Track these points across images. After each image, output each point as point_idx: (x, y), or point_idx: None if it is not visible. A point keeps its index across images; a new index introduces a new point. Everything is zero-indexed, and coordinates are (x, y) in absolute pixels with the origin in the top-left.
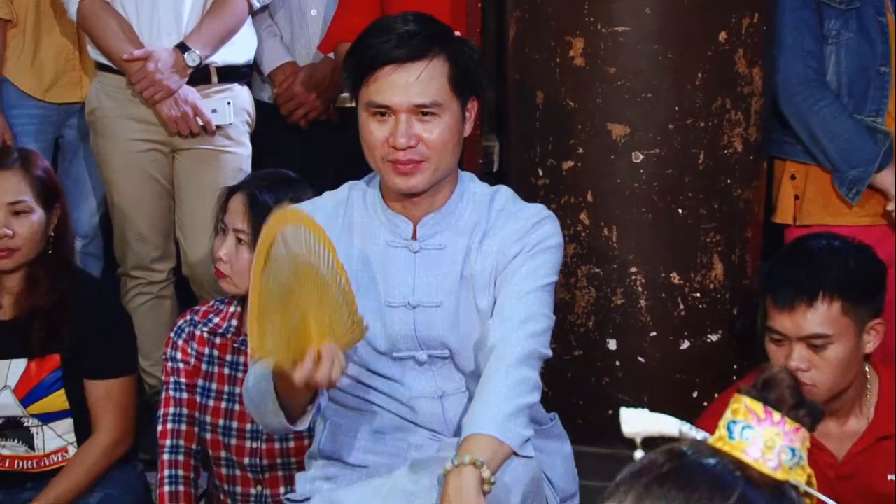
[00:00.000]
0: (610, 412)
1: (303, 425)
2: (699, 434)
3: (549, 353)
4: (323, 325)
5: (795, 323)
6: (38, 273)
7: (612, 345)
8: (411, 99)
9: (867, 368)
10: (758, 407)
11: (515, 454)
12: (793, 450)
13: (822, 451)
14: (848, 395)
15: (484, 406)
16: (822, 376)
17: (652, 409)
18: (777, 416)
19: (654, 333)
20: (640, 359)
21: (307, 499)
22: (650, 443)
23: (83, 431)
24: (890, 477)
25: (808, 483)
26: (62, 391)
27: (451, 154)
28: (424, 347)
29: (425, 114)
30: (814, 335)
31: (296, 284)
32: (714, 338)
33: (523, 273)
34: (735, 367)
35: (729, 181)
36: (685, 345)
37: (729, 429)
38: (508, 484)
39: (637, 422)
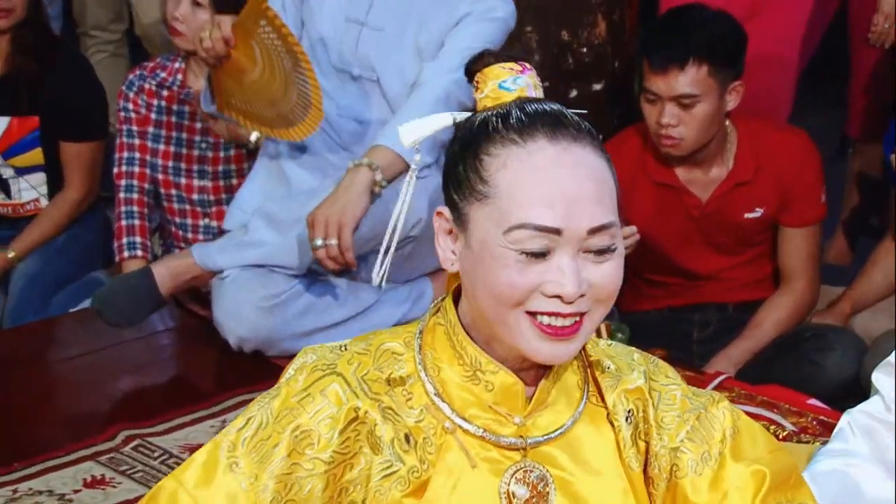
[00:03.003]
0: None
1: None
2: (465, 115)
3: (469, 103)
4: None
5: (668, 84)
6: (25, 38)
7: None
8: None
9: (728, 124)
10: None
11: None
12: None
13: (689, 195)
14: (711, 148)
15: (395, 123)
16: (689, 131)
17: None
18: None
19: (546, 84)
20: None
21: (239, 227)
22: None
23: (54, 186)
24: (746, 215)
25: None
26: (39, 149)
27: None
28: (358, 66)
29: None
30: (683, 95)
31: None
32: (597, 87)
33: (466, 33)
34: (615, 111)
35: None
36: (573, 94)
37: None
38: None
39: (412, 132)
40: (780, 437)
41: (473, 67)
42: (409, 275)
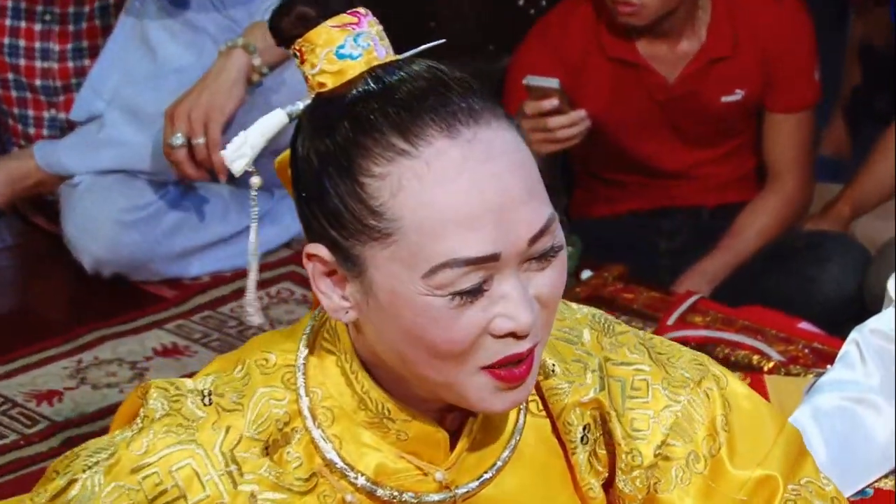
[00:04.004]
0: None
1: None
2: (303, 103)
3: None
4: None
5: None
6: None
7: None
8: None
9: None
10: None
11: None
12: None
13: (652, 73)
14: (679, 15)
15: None
16: None
17: None
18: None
19: None
20: None
21: (93, 117)
22: None
23: None
24: (723, 98)
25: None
26: None
27: None
28: None
29: None
30: None
31: None
32: None
33: None
34: None
35: None
36: None
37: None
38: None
39: (238, 154)
40: (766, 369)
41: (287, 30)
42: None
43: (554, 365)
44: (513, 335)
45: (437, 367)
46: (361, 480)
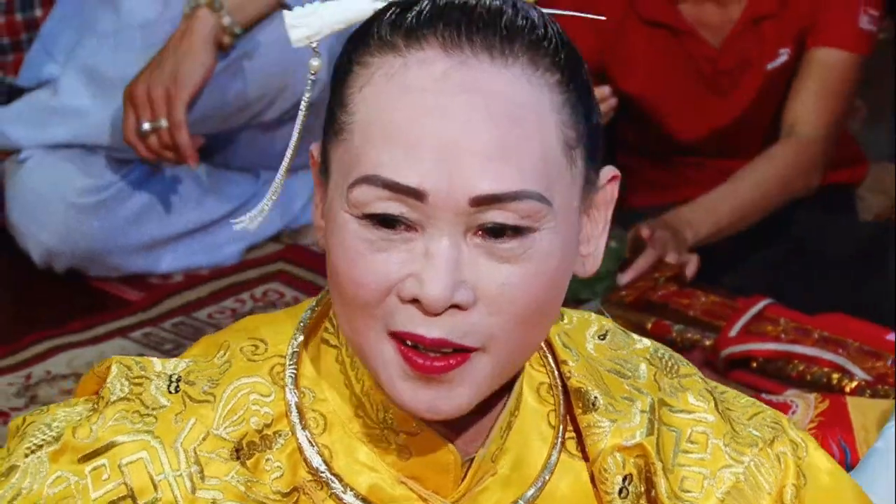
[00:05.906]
0: None
1: None
2: None
3: None
4: None
5: None
6: None
7: None
8: None
9: None
10: None
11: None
12: None
13: (698, 42)
14: None
15: None
16: None
17: None
18: None
19: None
20: None
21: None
22: None
23: None
24: (769, 65)
25: None
26: None
27: None
28: None
29: None
30: None
31: None
32: None
33: None
34: None
35: None
36: None
37: None
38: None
39: (305, 22)
40: (848, 389)
41: None
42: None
43: (596, 397)
44: (419, 305)
45: (349, 318)
46: (349, 496)
